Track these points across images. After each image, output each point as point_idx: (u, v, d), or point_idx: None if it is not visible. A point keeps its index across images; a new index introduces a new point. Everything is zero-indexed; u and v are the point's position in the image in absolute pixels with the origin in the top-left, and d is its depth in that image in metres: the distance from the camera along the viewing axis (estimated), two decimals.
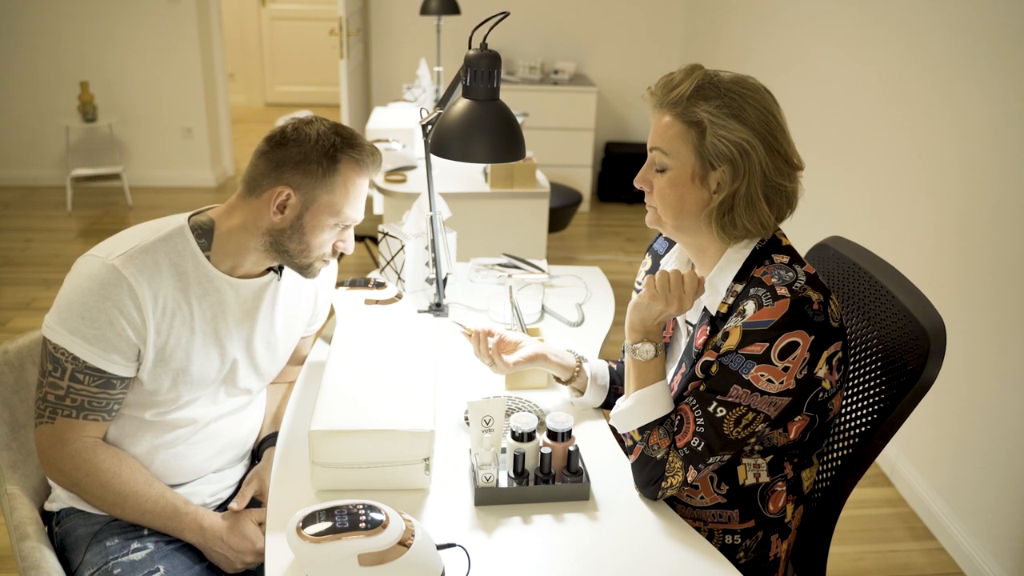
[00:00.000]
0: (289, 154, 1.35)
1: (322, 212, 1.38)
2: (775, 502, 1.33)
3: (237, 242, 1.39)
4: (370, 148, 1.41)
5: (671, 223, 1.29)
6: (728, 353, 1.22)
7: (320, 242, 1.41)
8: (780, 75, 3.81)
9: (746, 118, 1.20)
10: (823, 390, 1.25)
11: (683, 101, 1.22)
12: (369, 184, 1.46)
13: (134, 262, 1.31)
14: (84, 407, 1.33)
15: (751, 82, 1.25)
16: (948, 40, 2.53)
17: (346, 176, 1.38)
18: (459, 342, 1.79)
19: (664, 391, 1.29)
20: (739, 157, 1.20)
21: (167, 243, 1.35)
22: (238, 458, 1.57)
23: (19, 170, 5.32)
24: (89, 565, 1.36)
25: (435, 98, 4.03)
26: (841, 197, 3.18)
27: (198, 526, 1.39)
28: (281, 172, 1.35)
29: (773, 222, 1.25)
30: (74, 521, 1.43)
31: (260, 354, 1.50)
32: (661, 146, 1.25)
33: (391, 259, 2.02)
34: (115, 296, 1.29)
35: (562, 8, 5.34)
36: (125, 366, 1.33)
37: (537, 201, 3.16)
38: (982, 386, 2.35)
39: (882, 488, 2.74)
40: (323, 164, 1.35)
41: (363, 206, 1.45)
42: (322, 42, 7.49)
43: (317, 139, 1.35)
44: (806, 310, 1.19)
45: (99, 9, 5.06)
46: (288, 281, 1.53)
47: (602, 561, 1.19)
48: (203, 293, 1.38)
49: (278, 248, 1.39)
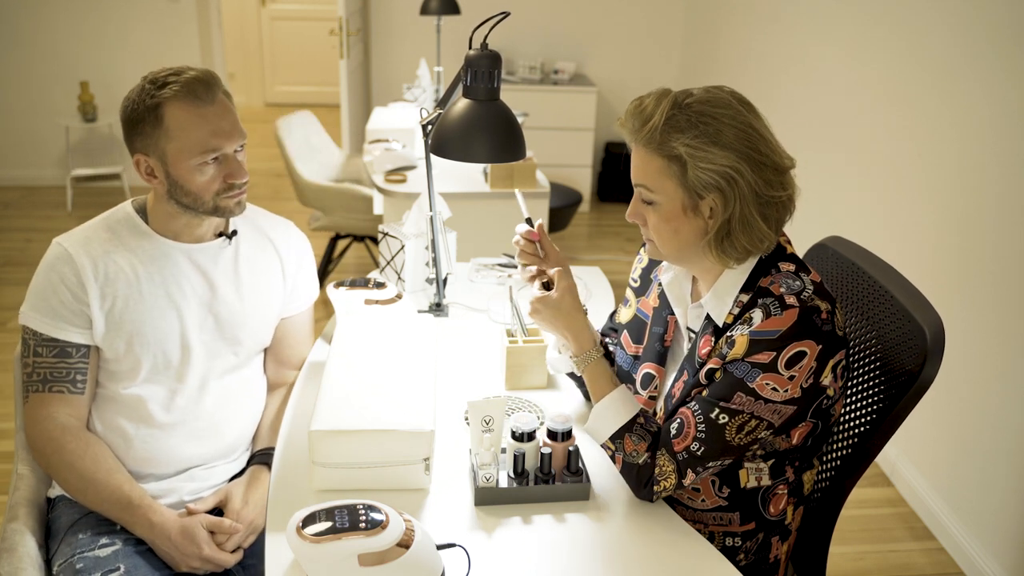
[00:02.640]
0: (127, 125, 1.42)
1: (180, 159, 1.40)
2: (776, 505, 1.33)
3: (162, 211, 1.48)
4: (189, 76, 1.38)
5: (672, 255, 1.27)
6: (734, 361, 1.20)
7: (201, 185, 1.41)
8: (780, 75, 3.81)
9: (725, 141, 1.16)
10: (827, 397, 1.25)
11: (657, 135, 1.18)
12: (215, 102, 1.40)
13: (74, 237, 1.45)
14: (47, 379, 1.42)
15: (722, 97, 1.19)
16: (948, 40, 2.53)
17: (175, 116, 1.38)
18: (459, 342, 1.79)
19: (622, 397, 1.29)
20: (726, 184, 1.17)
21: (108, 219, 1.49)
22: (227, 455, 1.56)
23: (19, 170, 5.32)
24: (60, 555, 1.38)
25: (435, 98, 4.03)
26: (841, 197, 3.18)
27: (147, 521, 1.39)
28: (130, 144, 1.43)
29: (773, 236, 1.22)
30: (61, 509, 1.45)
31: (224, 319, 1.52)
32: (645, 183, 1.22)
33: (391, 259, 2.02)
34: (57, 267, 1.42)
35: (562, 8, 5.34)
36: (74, 332, 1.42)
37: (537, 201, 3.15)
38: (982, 386, 2.35)
39: (882, 488, 2.74)
40: (149, 119, 1.38)
41: (221, 131, 1.40)
42: (322, 42, 7.48)
43: (136, 99, 1.40)
44: (815, 320, 1.17)
45: (99, 9, 5.06)
46: (247, 249, 1.56)
47: (602, 561, 1.19)
48: (149, 258, 1.46)
49: (182, 205, 1.44)
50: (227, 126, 1.41)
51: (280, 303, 1.63)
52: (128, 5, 5.08)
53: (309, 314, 1.72)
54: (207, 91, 1.39)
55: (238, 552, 1.44)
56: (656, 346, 1.41)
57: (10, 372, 3.17)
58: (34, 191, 5.25)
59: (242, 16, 7.66)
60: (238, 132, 1.43)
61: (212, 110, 1.40)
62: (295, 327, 1.69)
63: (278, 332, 1.66)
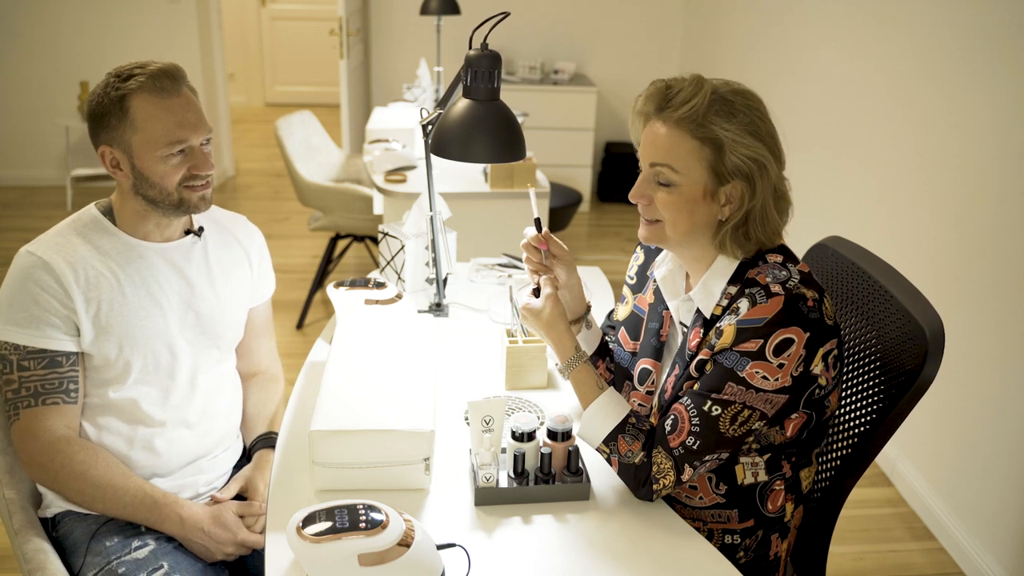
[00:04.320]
0: (92, 120, 1.40)
1: (144, 151, 1.39)
2: (774, 501, 1.33)
3: (130, 210, 1.45)
4: (153, 68, 1.39)
5: (677, 238, 1.28)
6: (723, 351, 1.22)
7: (165, 177, 1.40)
8: (780, 75, 3.81)
9: (759, 133, 1.22)
10: (819, 387, 1.26)
11: (699, 117, 1.21)
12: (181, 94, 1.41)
13: (45, 243, 1.40)
14: (39, 392, 1.37)
15: (750, 92, 1.25)
16: (949, 40, 2.53)
17: (139, 107, 1.37)
18: (459, 342, 1.80)
19: (610, 400, 1.31)
20: (757, 173, 1.21)
21: (76, 223, 1.45)
22: (222, 444, 1.58)
23: (19, 170, 5.32)
24: (91, 566, 1.37)
25: (435, 98, 4.03)
26: (841, 197, 3.18)
27: (178, 516, 1.40)
28: (96, 138, 1.41)
29: (781, 232, 1.28)
30: (71, 524, 1.43)
31: (204, 315, 1.52)
32: (670, 163, 1.23)
33: (391, 259, 2.02)
34: (34, 275, 1.36)
35: (562, 8, 5.34)
36: (63, 340, 1.38)
37: (537, 201, 3.15)
38: (982, 386, 2.35)
39: (882, 488, 2.75)
40: (114, 111, 1.38)
41: (186, 122, 1.40)
42: (322, 42, 7.49)
43: (101, 93, 1.39)
44: (800, 307, 1.19)
45: (99, 9, 5.07)
46: (215, 246, 1.57)
47: (602, 561, 1.19)
48: (125, 260, 1.44)
49: (148, 200, 1.43)
50: (192, 118, 1.41)
51: (248, 296, 1.65)
52: (128, 5, 5.08)
53: (269, 305, 1.74)
54: (172, 83, 1.39)
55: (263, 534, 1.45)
56: (652, 341, 1.42)
57: None
58: (34, 191, 5.25)
59: (242, 16, 7.66)
60: (203, 125, 1.43)
61: (177, 102, 1.40)
62: (259, 317, 1.71)
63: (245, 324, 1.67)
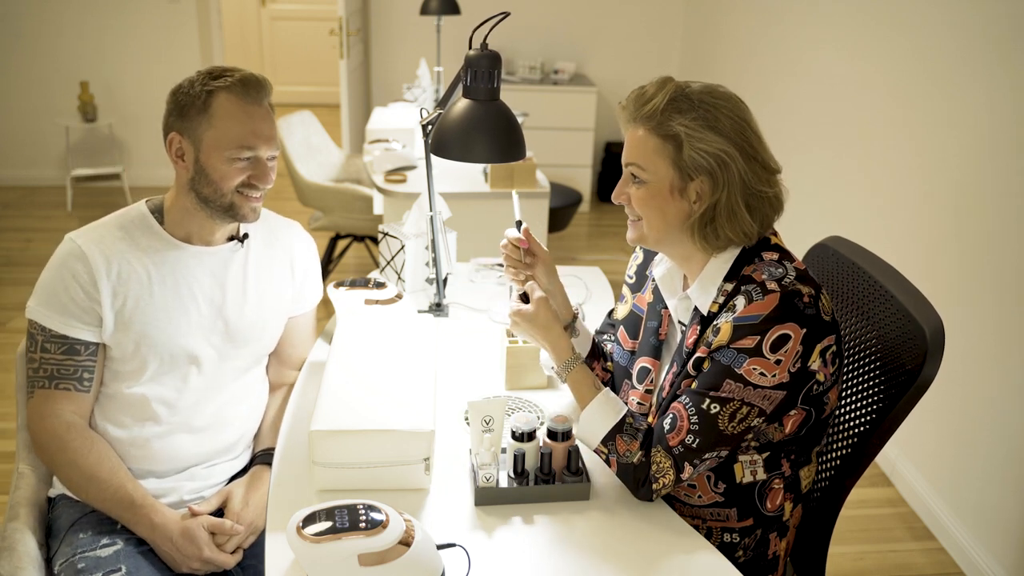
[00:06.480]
0: (173, 106, 1.43)
1: (213, 148, 1.41)
2: (772, 500, 1.33)
3: (180, 208, 1.47)
4: (244, 74, 1.42)
5: (654, 236, 1.30)
6: (720, 348, 1.23)
7: (225, 177, 1.42)
8: (780, 75, 3.81)
9: (721, 128, 1.22)
10: (817, 383, 1.26)
11: (657, 115, 1.24)
12: (262, 105, 1.44)
13: (88, 234, 1.44)
14: (54, 375, 1.41)
15: (722, 91, 1.26)
16: (948, 40, 2.53)
17: (222, 107, 1.40)
18: (459, 342, 1.80)
19: (607, 400, 1.31)
20: (718, 168, 1.22)
21: (123, 218, 1.48)
22: (227, 454, 1.56)
23: (19, 170, 5.32)
24: (62, 555, 1.39)
25: (435, 98, 4.03)
26: (841, 197, 3.18)
27: (149, 521, 1.40)
28: (170, 123, 1.43)
29: (756, 230, 1.26)
30: (62, 508, 1.45)
31: (234, 323, 1.52)
32: (637, 161, 1.28)
33: (391, 259, 2.02)
34: (69, 264, 1.41)
35: (562, 8, 5.34)
36: (84, 330, 1.41)
37: (537, 201, 3.15)
38: (982, 386, 2.35)
39: (882, 488, 2.75)
40: (198, 103, 1.40)
41: (261, 132, 1.43)
42: (322, 42, 7.48)
43: (191, 83, 1.41)
44: (796, 303, 1.20)
45: (99, 9, 5.06)
46: (257, 253, 1.56)
47: (602, 561, 1.19)
48: (161, 260, 1.46)
49: (201, 199, 1.44)
50: (267, 130, 1.44)
51: (289, 304, 1.64)
52: (128, 5, 5.08)
53: (312, 315, 1.73)
54: (258, 93, 1.43)
55: (238, 553, 1.44)
56: (651, 340, 1.43)
57: (10, 372, 3.17)
58: (34, 191, 5.25)
59: (242, 16, 7.66)
60: (275, 140, 1.46)
61: (258, 111, 1.43)
62: (299, 327, 1.70)
63: (282, 332, 1.66)
